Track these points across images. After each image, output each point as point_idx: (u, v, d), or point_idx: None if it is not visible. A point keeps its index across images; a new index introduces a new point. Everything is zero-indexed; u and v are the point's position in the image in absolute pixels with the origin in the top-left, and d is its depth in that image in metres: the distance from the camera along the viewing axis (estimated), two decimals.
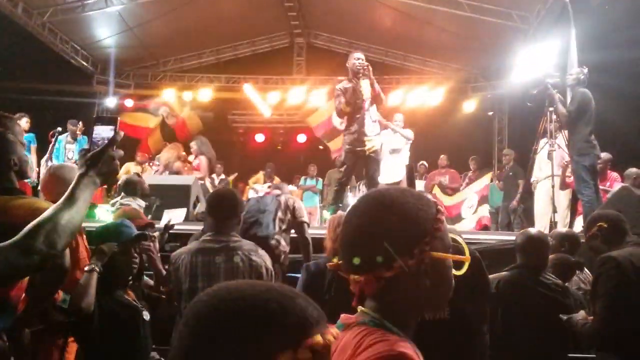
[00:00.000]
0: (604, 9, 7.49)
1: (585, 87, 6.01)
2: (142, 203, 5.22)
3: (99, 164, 1.55)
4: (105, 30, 12.33)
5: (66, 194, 1.50)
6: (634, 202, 5.23)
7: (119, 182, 5.56)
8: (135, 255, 2.66)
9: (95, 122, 1.65)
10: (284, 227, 4.43)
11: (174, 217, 5.24)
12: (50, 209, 1.47)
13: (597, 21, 7.49)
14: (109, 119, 1.67)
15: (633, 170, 6.57)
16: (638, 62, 6.92)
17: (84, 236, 3.02)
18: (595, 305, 2.75)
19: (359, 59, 6.33)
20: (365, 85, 6.20)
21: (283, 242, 4.37)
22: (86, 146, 1.66)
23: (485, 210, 9.49)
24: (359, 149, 6.11)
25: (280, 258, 4.30)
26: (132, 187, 5.35)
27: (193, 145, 9.45)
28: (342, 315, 1.08)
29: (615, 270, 2.66)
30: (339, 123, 7.64)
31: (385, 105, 6.17)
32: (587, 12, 8.02)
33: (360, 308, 1.07)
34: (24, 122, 8.60)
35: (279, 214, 4.43)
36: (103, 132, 1.63)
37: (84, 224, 3.64)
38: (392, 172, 7.60)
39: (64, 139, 8.74)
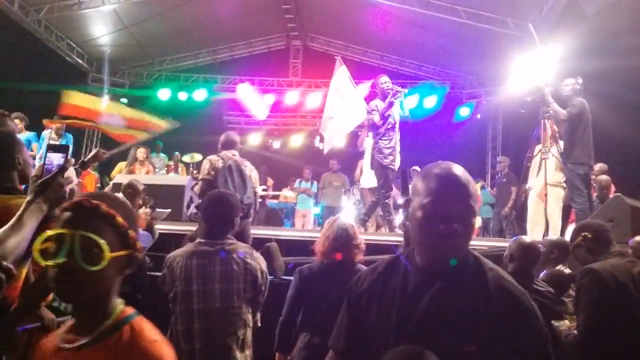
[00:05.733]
0: (599, 16, 7.54)
1: (582, 97, 6.05)
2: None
3: (47, 191, 1.59)
4: (101, 29, 12.30)
5: (13, 219, 1.53)
6: (625, 212, 5.26)
7: (123, 183, 5.57)
8: None
9: (47, 150, 1.70)
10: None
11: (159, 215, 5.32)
12: None
13: (593, 30, 7.53)
14: (61, 147, 1.72)
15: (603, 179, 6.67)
16: (634, 70, 6.97)
17: None
18: (578, 317, 2.74)
19: (385, 82, 6.71)
20: (395, 108, 6.61)
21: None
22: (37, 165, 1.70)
23: (479, 221, 9.53)
24: (390, 164, 6.49)
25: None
26: (131, 192, 5.37)
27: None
28: None
29: (596, 283, 2.64)
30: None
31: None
32: (583, 21, 8.08)
33: None
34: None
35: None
36: (55, 159, 1.68)
37: None
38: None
39: (47, 136, 8.61)
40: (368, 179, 7.77)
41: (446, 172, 1.40)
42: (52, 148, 1.72)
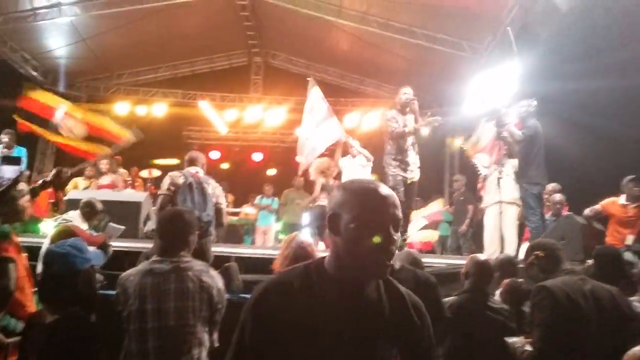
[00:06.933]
0: (553, 40, 7.81)
1: (535, 119, 6.27)
2: (86, 226, 5.10)
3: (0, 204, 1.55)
4: (57, 41, 12.02)
5: None
6: (577, 230, 5.45)
7: (81, 200, 5.44)
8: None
9: (2, 162, 1.67)
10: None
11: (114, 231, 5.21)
12: None
13: (547, 52, 7.79)
14: (15, 159, 1.69)
15: (557, 196, 6.88)
16: (585, 93, 7.23)
17: (24, 254, 2.91)
18: (533, 333, 2.80)
19: (405, 93, 6.63)
20: (410, 119, 6.52)
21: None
22: None
23: (435, 236, 9.63)
24: (402, 176, 6.36)
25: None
26: (88, 211, 5.22)
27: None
28: None
29: (549, 300, 2.71)
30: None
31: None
32: (537, 44, 8.36)
33: None
34: None
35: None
36: (7, 172, 1.64)
37: (25, 240, 3.50)
38: None
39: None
40: None
41: (382, 190, 1.43)
42: (5, 160, 1.67)
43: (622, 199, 5.85)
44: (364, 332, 1.37)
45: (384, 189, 1.43)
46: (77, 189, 8.77)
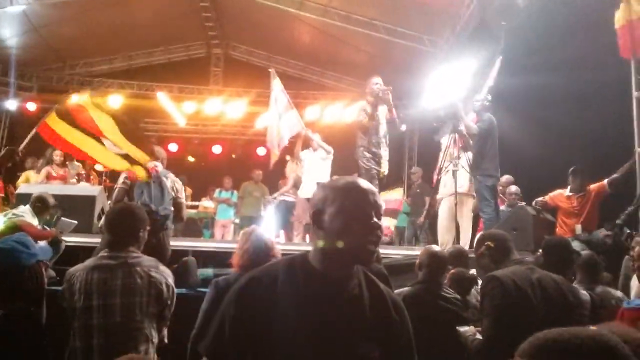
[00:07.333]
0: (513, 34, 7.94)
1: (490, 113, 6.41)
2: (36, 221, 4.98)
3: None
4: (8, 30, 11.58)
5: None
6: (528, 221, 5.62)
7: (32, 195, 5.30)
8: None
9: None
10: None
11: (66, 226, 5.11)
12: None
13: (508, 46, 7.94)
14: None
15: (513, 187, 7.07)
16: (540, 88, 7.40)
17: None
18: (483, 322, 2.87)
19: (377, 83, 6.58)
20: (382, 110, 6.48)
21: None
22: None
23: (390, 224, 9.73)
24: (376, 169, 6.40)
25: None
26: (40, 206, 5.10)
27: None
28: None
29: (498, 290, 2.77)
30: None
31: (399, 129, 6.51)
32: (493, 40, 8.50)
33: None
34: None
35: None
36: None
37: None
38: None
39: None
40: (306, 189, 7.80)
41: (361, 183, 1.50)
42: None
43: (567, 191, 6.05)
44: (346, 326, 1.40)
45: (363, 181, 1.51)
46: (29, 182, 8.51)
